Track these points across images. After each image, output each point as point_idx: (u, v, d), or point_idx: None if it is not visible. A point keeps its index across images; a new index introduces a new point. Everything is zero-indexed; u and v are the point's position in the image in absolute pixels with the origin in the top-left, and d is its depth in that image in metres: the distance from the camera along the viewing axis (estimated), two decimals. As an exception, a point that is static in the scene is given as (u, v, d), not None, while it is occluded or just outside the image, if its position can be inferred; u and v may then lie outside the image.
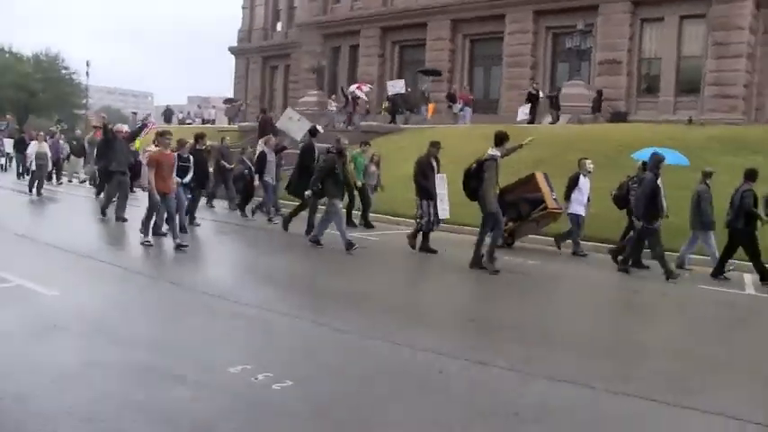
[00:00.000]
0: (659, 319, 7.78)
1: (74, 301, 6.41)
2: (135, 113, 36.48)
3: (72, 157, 22.95)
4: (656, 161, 10.35)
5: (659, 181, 10.22)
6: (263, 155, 14.60)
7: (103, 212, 12.80)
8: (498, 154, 9.68)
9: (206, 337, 5.54)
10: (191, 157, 11.86)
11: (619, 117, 24.84)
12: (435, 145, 11.29)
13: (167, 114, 40.70)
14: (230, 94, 44.77)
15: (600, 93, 25.68)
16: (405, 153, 17.17)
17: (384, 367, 4.96)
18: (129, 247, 10.56)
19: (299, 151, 13.47)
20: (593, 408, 4.39)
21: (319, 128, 13.58)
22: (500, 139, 9.76)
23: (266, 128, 21.37)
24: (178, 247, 9.63)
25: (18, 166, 24.02)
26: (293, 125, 17.40)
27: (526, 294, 8.65)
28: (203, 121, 39.59)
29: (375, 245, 11.89)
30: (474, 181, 9.74)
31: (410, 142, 19.99)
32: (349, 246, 10.41)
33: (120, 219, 12.36)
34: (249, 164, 15.90)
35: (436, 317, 6.99)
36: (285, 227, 12.44)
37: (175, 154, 10.82)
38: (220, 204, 16.97)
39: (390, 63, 34.94)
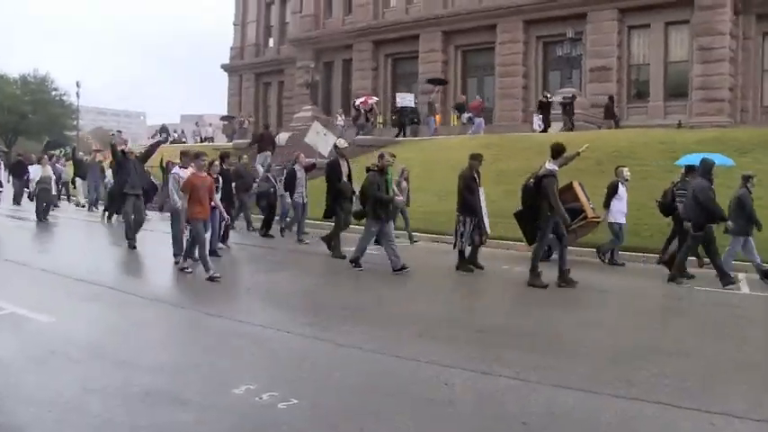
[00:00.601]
0: (662, 322, 7.81)
1: (71, 327, 6.32)
2: (120, 132, 35.99)
3: (78, 179, 22.47)
4: (707, 166, 10.10)
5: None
6: (292, 172, 14.03)
7: (131, 245, 11.86)
8: (556, 168, 9.44)
9: (209, 358, 5.48)
10: (219, 179, 11.38)
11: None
12: (477, 158, 10.74)
13: (162, 131, 40.43)
14: (224, 112, 44.77)
15: (612, 98, 25.71)
16: (406, 166, 17.03)
17: (390, 381, 4.92)
18: (129, 271, 10.50)
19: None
20: (600, 413, 4.37)
21: (340, 143, 12.85)
22: (557, 152, 9.51)
23: (264, 143, 21.31)
24: (182, 269, 9.36)
25: (15, 193, 22.68)
26: (320, 139, 16.57)
27: (543, 305, 8.46)
28: (202, 139, 39.36)
29: (382, 258, 11.50)
30: (533, 197, 9.53)
31: (411, 155, 19.97)
32: (355, 262, 10.24)
33: (131, 244, 11.84)
34: (275, 182, 15.08)
35: (443, 329, 6.90)
36: (335, 252, 11.60)
37: (212, 176, 10.11)
38: (239, 224, 16.02)
39: (384, 76, 35.11)
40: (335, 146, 12.67)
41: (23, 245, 12.97)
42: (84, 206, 21.69)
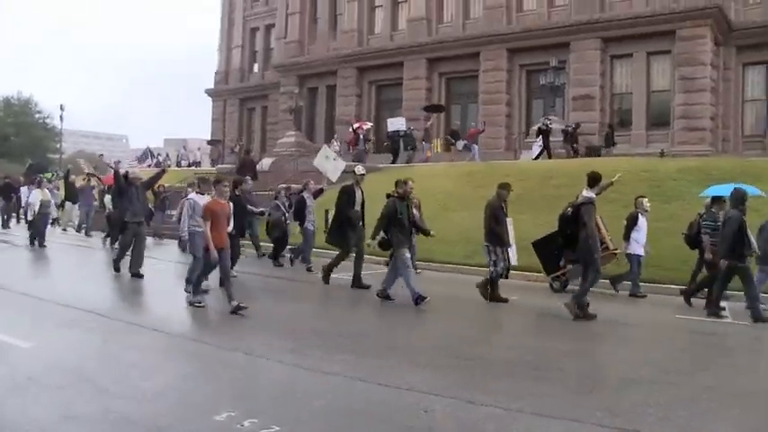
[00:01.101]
0: (653, 351, 7.76)
1: (51, 353, 6.21)
2: (101, 155, 35.80)
3: (67, 203, 22.13)
4: (740, 197, 9.98)
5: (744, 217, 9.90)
6: (301, 200, 13.78)
7: (116, 267, 11.71)
8: (593, 195, 9.34)
9: (189, 384, 5.43)
10: (231, 205, 10.80)
11: (593, 151, 25.24)
12: (506, 187, 10.66)
13: (144, 156, 40.22)
14: (208, 137, 44.77)
15: (611, 127, 25.95)
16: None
17: (370, 409, 4.89)
18: (116, 296, 10.32)
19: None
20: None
21: (358, 170, 12.17)
22: (594, 180, 9.44)
23: (245, 169, 21.22)
24: (236, 311, 8.40)
25: (4, 216, 22.19)
26: (329, 164, 16.04)
27: (536, 334, 8.42)
28: (189, 164, 39.19)
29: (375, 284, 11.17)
30: (571, 226, 9.46)
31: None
32: (419, 299, 9.57)
33: (136, 275, 11.29)
34: (284, 209, 14.70)
35: (431, 357, 6.84)
36: (326, 280, 11.53)
37: (230, 203, 9.61)
38: (248, 251, 15.40)
39: (368, 103, 35.34)
40: (354, 172, 12.16)
41: (11, 269, 12.65)
42: (65, 230, 21.44)
